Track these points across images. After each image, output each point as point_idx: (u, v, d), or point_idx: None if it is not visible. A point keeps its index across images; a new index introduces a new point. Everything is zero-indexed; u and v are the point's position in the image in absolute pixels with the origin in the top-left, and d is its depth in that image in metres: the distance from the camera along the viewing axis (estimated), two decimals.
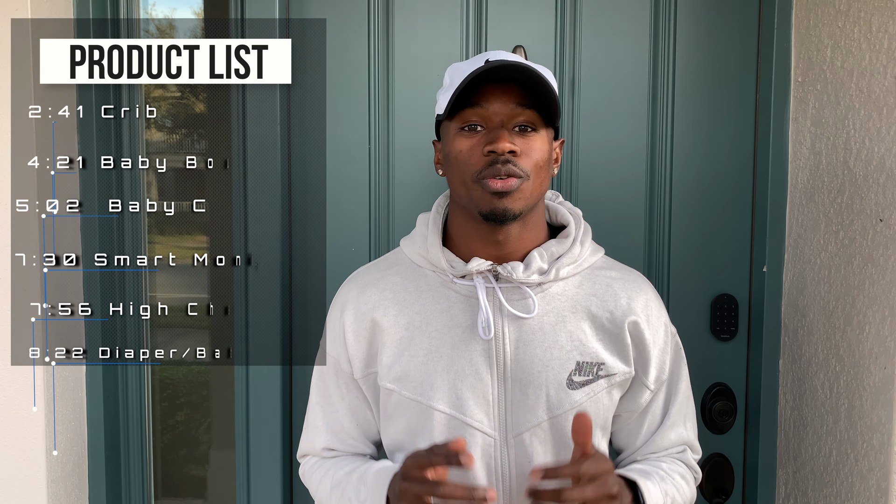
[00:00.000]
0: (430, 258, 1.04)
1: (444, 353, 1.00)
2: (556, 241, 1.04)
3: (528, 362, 1.00)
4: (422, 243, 1.06)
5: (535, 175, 0.97)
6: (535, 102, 0.96)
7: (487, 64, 0.95)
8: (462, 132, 0.98)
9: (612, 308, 1.04)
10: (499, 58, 0.98)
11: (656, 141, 1.44)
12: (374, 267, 1.12)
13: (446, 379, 1.00)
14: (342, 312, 1.07)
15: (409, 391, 1.01)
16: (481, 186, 0.95)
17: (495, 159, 0.94)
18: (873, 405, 1.16)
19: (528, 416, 1.00)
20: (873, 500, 1.15)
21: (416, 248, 1.07)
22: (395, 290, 1.05)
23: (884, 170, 1.15)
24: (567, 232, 1.06)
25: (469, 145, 0.97)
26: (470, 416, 1.00)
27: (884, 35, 1.16)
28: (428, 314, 1.03)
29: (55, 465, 1.35)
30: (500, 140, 0.94)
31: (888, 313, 1.13)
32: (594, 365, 1.01)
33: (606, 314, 1.03)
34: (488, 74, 0.94)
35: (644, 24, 1.43)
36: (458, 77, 0.98)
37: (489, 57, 0.99)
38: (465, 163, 0.97)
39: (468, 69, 0.97)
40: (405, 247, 1.09)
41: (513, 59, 0.98)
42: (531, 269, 1.01)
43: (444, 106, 0.99)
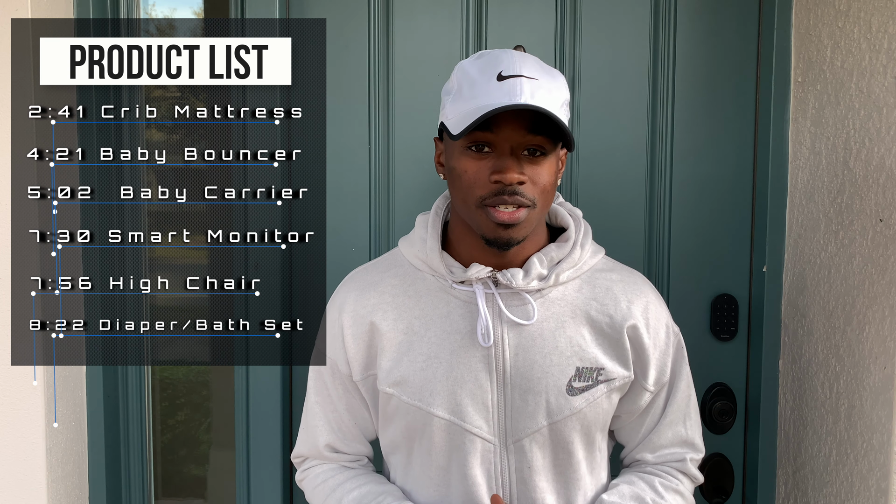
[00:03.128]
0: (430, 262, 1.03)
1: (444, 359, 1.00)
2: (556, 246, 1.04)
3: (528, 369, 1.00)
4: (421, 247, 1.05)
5: (541, 201, 0.96)
6: (546, 129, 0.93)
7: (502, 80, 0.92)
8: (469, 151, 0.95)
9: (611, 312, 1.03)
10: (512, 72, 0.93)
11: (656, 141, 1.44)
12: (372, 268, 1.10)
13: (445, 385, 1.00)
14: (340, 314, 1.06)
15: (408, 396, 1.01)
16: (485, 213, 0.94)
17: (502, 189, 0.92)
18: (873, 405, 1.16)
19: (527, 422, 1.00)
20: (873, 500, 1.15)
21: (415, 250, 1.06)
22: (394, 293, 1.04)
23: (884, 170, 1.15)
24: (567, 236, 1.05)
25: (475, 168, 0.94)
26: (469, 422, 1.00)
27: (884, 35, 1.16)
28: (427, 319, 1.02)
29: (55, 465, 1.35)
30: (509, 170, 0.92)
31: (888, 313, 1.13)
32: (594, 370, 1.01)
33: (606, 318, 1.03)
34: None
35: (644, 24, 1.43)
36: (468, 86, 0.95)
37: (502, 70, 0.94)
38: (469, 185, 0.95)
39: (479, 78, 0.94)
40: (404, 248, 1.09)
41: (525, 69, 0.94)
42: (531, 275, 1.00)
43: (453, 121, 0.95)
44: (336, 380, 1.08)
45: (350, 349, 1.05)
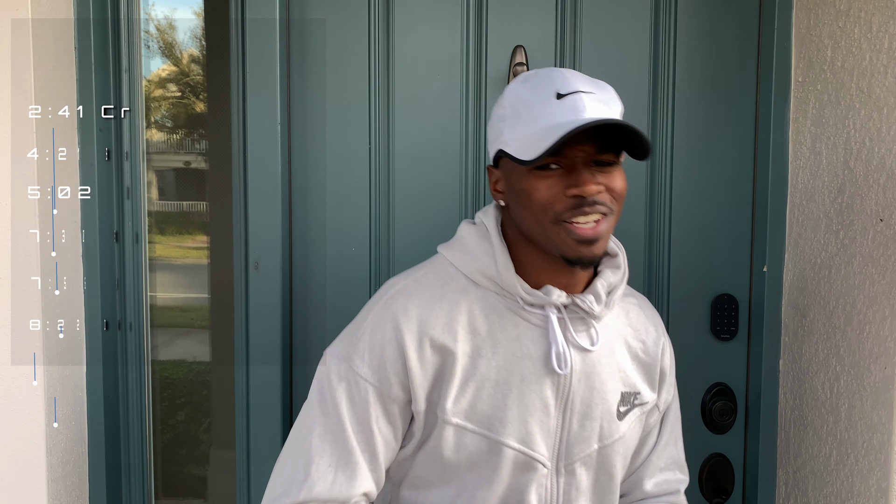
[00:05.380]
0: (502, 281, 0.96)
1: (514, 386, 0.95)
2: (611, 271, 1.02)
3: (589, 394, 0.99)
4: (488, 262, 0.97)
5: (618, 209, 0.93)
6: (615, 145, 0.91)
7: (561, 98, 0.89)
8: (535, 171, 0.91)
9: (643, 338, 1.06)
10: (570, 89, 0.89)
11: (656, 141, 1.44)
12: (426, 280, 1.00)
13: (517, 413, 0.95)
14: (400, 333, 0.94)
15: (475, 424, 0.95)
16: (565, 231, 0.90)
17: (581, 202, 0.88)
18: (873, 405, 1.16)
19: (582, 446, 1.00)
20: (873, 500, 1.15)
21: (479, 265, 0.98)
22: (462, 311, 0.96)
23: (884, 170, 1.15)
24: (618, 262, 1.04)
25: (546, 185, 0.90)
26: (537, 450, 0.97)
27: (884, 35, 1.16)
28: (496, 342, 0.96)
29: (55, 464, 1.35)
30: (586, 182, 0.88)
31: (888, 313, 1.13)
32: (632, 395, 1.03)
33: (640, 344, 1.05)
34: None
35: (644, 24, 1.43)
36: (525, 109, 0.91)
37: (559, 89, 0.90)
38: (544, 203, 0.90)
39: (535, 99, 0.90)
40: (458, 261, 1.00)
41: (581, 84, 0.91)
42: (601, 300, 0.99)
43: (518, 146, 0.90)
44: (380, 406, 0.95)
45: (416, 375, 0.94)
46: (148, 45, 1.50)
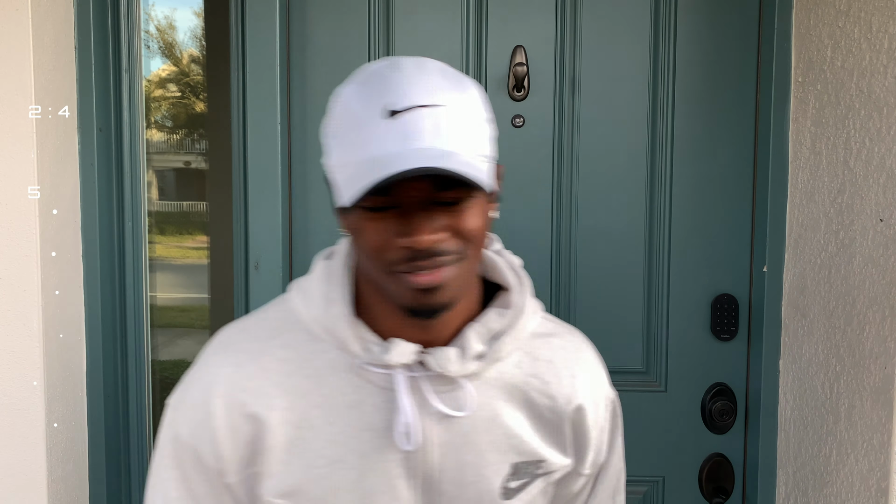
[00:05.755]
0: (336, 333, 0.78)
1: (352, 464, 0.78)
2: (496, 314, 0.82)
3: (458, 472, 0.81)
4: (323, 309, 0.79)
5: (472, 250, 0.74)
6: (460, 181, 0.69)
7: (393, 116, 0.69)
8: (366, 212, 0.71)
9: (553, 392, 0.84)
10: (406, 102, 0.69)
11: (656, 141, 1.44)
12: (251, 330, 0.83)
13: (354, 497, 0.79)
14: (208, 396, 0.79)
15: None
16: (398, 280, 0.72)
17: (415, 255, 0.70)
18: (873, 405, 1.16)
19: None
20: (873, 500, 1.15)
21: (315, 312, 0.80)
22: (284, 371, 0.79)
23: (884, 170, 1.15)
24: (509, 301, 0.83)
25: (376, 230, 0.71)
26: None
27: (884, 35, 1.16)
28: (330, 409, 0.78)
29: (55, 465, 1.35)
30: (419, 231, 0.69)
31: (888, 313, 1.13)
32: (532, 463, 0.84)
33: (547, 401, 0.84)
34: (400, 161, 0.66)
35: (644, 25, 1.43)
36: (351, 126, 0.71)
37: (391, 101, 0.69)
38: (374, 250, 0.72)
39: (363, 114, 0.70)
40: (299, 305, 0.82)
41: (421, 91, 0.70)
42: (468, 355, 0.78)
43: (341, 178, 0.72)
44: (199, 473, 0.80)
45: (224, 445, 0.78)
46: (148, 45, 1.50)
